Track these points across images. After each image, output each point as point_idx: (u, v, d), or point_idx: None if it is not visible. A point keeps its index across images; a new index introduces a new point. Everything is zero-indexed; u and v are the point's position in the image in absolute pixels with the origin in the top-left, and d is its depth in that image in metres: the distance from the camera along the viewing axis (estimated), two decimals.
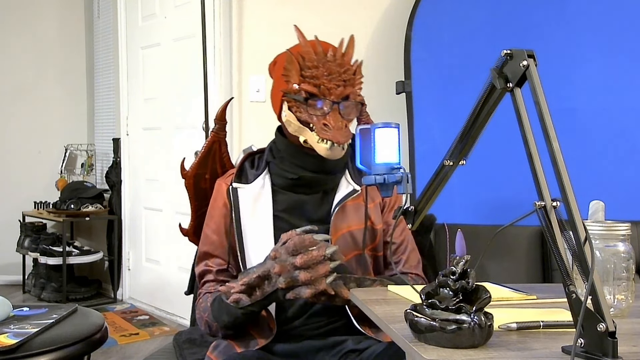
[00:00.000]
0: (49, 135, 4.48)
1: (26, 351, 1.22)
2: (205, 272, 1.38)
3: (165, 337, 3.13)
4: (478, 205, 2.34)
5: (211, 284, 1.36)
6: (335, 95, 1.27)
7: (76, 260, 3.90)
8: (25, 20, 4.44)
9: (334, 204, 1.34)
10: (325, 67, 1.27)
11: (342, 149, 1.28)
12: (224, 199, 1.37)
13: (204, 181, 1.51)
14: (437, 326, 0.78)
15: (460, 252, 0.85)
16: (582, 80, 2.38)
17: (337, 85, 1.27)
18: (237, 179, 1.38)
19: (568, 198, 0.78)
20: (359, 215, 1.36)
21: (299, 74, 1.28)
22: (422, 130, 2.46)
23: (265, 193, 1.36)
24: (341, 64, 1.28)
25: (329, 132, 1.26)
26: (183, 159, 1.52)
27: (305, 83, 1.27)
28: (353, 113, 1.31)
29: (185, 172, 1.50)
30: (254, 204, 1.35)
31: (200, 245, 1.41)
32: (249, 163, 1.43)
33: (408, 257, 1.41)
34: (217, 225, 1.37)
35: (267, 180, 1.37)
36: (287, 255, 1.16)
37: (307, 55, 1.28)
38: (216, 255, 1.37)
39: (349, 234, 1.34)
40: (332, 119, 1.26)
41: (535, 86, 0.83)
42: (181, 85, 3.42)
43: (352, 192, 1.36)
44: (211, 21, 3.03)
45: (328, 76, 1.26)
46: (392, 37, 2.88)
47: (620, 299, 0.98)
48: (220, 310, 1.26)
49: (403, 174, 1.04)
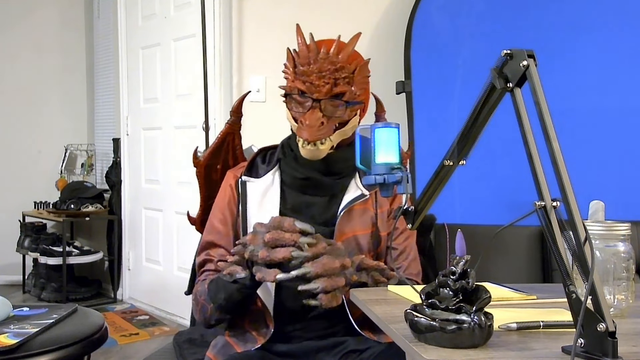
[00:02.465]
0: (49, 135, 4.48)
1: (26, 351, 1.22)
2: (206, 262, 1.37)
3: (165, 337, 3.13)
4: (478, 205, 2.34)
5: (210, 273, 1.35)
6: (321, 93, 1.26)
7: (76, 260, 3.90)
8: (26, 20, 4.44)
9: (340, 207, 1.33)
10: (317, 65, 1.26)
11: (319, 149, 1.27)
12: (232, 191, 1.37)
13: (215, 171, 1.51)
14: (437, 326, 0.78)
15: (460, 252, 0.85)
16: (582, 80, 2.38)
17: (325, 82, 1.26)
18: (247, 173, 1.38)
19: (568, 198, 0.78)
20: (365, 220, 1.34)
21: (293, 71, 1.29)
22: (422, 130, 2.47)
23: (273, 189, 1.35)
24: (334, 61, 1.26)
25: (302, 129, 1.26)
26: (196, 148, 1.52)
27: (297, 80, 1.28)
28: (338, 112, 1.29)
29: (197, 161, 1.50)
30: (262, 199, 1.34)
31: (205, 234, 1.40)
32: (260, 158, 1.42)
33: (409, 265, 1.39)
34: (224, 216, 1.37)
35: (276, 176, 1.36)
36: (264, 229, 1.16)
37: (301, 53, 1.28)
38: (220, 245, 1.36)
39: (354, 239, 1.32)
40: (309, 117, 1.26)
41: (535, 86, 0.83)
42: (181, 85, 3.42)
43: (360, 196, 1.34)
44: (211, 21, 3.02)
45: (318, 73, 1.26)
46: (392, 37, 2.88)
47: (620, 299, 0.98)
48: (217, 289, 1.25)
49: (403, 174, 1.04)
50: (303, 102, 1.29)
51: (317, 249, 1.14)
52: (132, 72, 3.85)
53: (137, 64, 3.79)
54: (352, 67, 1.28)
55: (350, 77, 1.28)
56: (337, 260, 1.15)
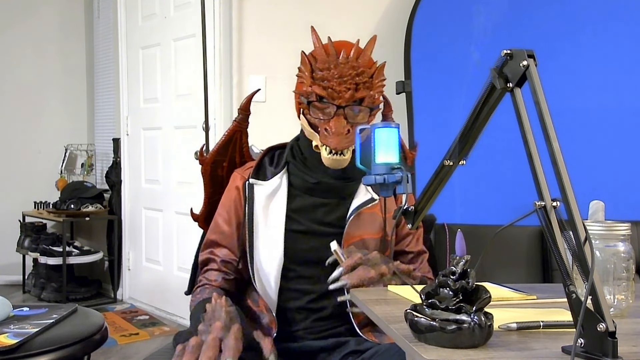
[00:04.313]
0: (49, 135, 4.48)
1: (26, 351, 1.21)
2: (209, 260, 1.36)
3: (165, 337, 3.13)
4: (478, 205, 2.35)
5: (213, 273, 1.35)
6: (343, 99, 1.24)
7: (76, 260, 3.90)
8: (25, 20, 4.44)
9: (350, 210, 1.33)
10: (337, 70, 1.23)
11: (343, 157, 1.25)
12: (240, 192, 1.37)
13: (221, 169, 1.50)
14: (437, 326, 0.78)
15: (460, 252, 0.85)
16: (582, 80, 2.39)
17: (347, 88, 1.23)
18: (254, 175, 1.36)
19: (568, 198, 0.78)
20: (373, 224, 1.34)
21: (310, 76, 1.26)
22: (422, 130, 2.47)
23: (281, 192, 1.34)
24: (355, 66, 1.24)
25: (328, 137, 1.24)
26: (202, 145, 1.51)
27: (315, 85, 1.25)
28: (362, 117, 1.28)
29: (204, 158, 1.48)
30: (269, 202, 1.34)
31: (209, 233, 1.39)
32: (268, 159, 1.41)
33: (423, 265, 1.43)
34: (229, 216, 1.37)
35: (284, 179, 1.35)
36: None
37: (319, 57, 1.25)
38: (224, 245, 1.36)
39: (362, 242, 1.33)
40: (334, 124, 1.24)
41: (535, 86, 0.83)
42: (181, 85, 3.42)
43: (369, 200, 1.34)
44: (211, 21, 3.03)
45: (339, 79, 1.23)
46: (392, 37, 2.88)
47: (620, 299, 0.98)
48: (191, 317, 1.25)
49: (403, 174, 1.04)
50: (323, 108, 1.26)
51: (352, 261, 1.17)
52: (132, 72, 3.85)
53: (137, 64, 3.79)
54: (371, 71, 1.27)
55: (369, 81, 1.26)
56: (372, 269, 1.17)
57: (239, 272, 1.37)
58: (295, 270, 1.32)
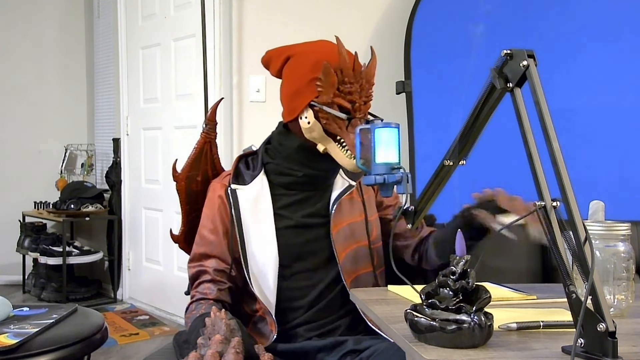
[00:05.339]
0: (49, 135, 4.48)
1: (26, 351, 1.21)
2: (201, 273, 1.35)
3: (165, 337, 3.13)
4: None
5: (207, 285, 1.33)
6: (362, 112, 1.28)
7: (76, 260, 3.90)
8: (26, 20, 4.44)
9: (332, 200, 1.37)
10: (359, 84, 1.27)
11: None
12: (223, 200, 1.36)
13: (195, 183, 1.47)
14: (437, 326, 0.78)
15: (460, 252, 0.85)
16: (582, 80, 2.39)
17: (364, 101, 1.28)
18: (234, 181, 1.37)
19: (568, 198, 0.78)
20: (354, 208, 1.40)
21: (334, 88, 1.26)
22: (422, 130, 2.47)
23: (264, 193, 1.36)
24: (368, 80, 1.29)
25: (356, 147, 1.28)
26: (175, 161, 1.48)
27: (340, 98, 1.26)
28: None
29: (177, 175, 1.46)
30: (254, 204, 1.35)
31: (196, 248, 1.38)
32: (243, 165, 1.42)
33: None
34: (215, 225, 1.36)
35: (264, 180, 1.37)
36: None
37: (345, 71, 1.27)
38: (214, 255, 1.35)
39: (348, 227, 1.37)
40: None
41: (535, 86, 0.83)
42: (181, 85, 3.42)
43: (348, 187, 1.39)
44: (211, 21, 3.03)
45: (360, 92, 1.27)
46: (392, 37, 2.88)
47: (620, 299, 0.98)
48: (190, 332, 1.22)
49: (403, 174, 1.04)
50: (338, 117, 1.28)
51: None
52: (132, 72, 3.85)
53: (137, 64, 3.79)
54: (374, 83, 1.32)
55: (372, 93, 1.32)
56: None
57: (233, 280, 1.36)
58: (291, 267, 1.33)
